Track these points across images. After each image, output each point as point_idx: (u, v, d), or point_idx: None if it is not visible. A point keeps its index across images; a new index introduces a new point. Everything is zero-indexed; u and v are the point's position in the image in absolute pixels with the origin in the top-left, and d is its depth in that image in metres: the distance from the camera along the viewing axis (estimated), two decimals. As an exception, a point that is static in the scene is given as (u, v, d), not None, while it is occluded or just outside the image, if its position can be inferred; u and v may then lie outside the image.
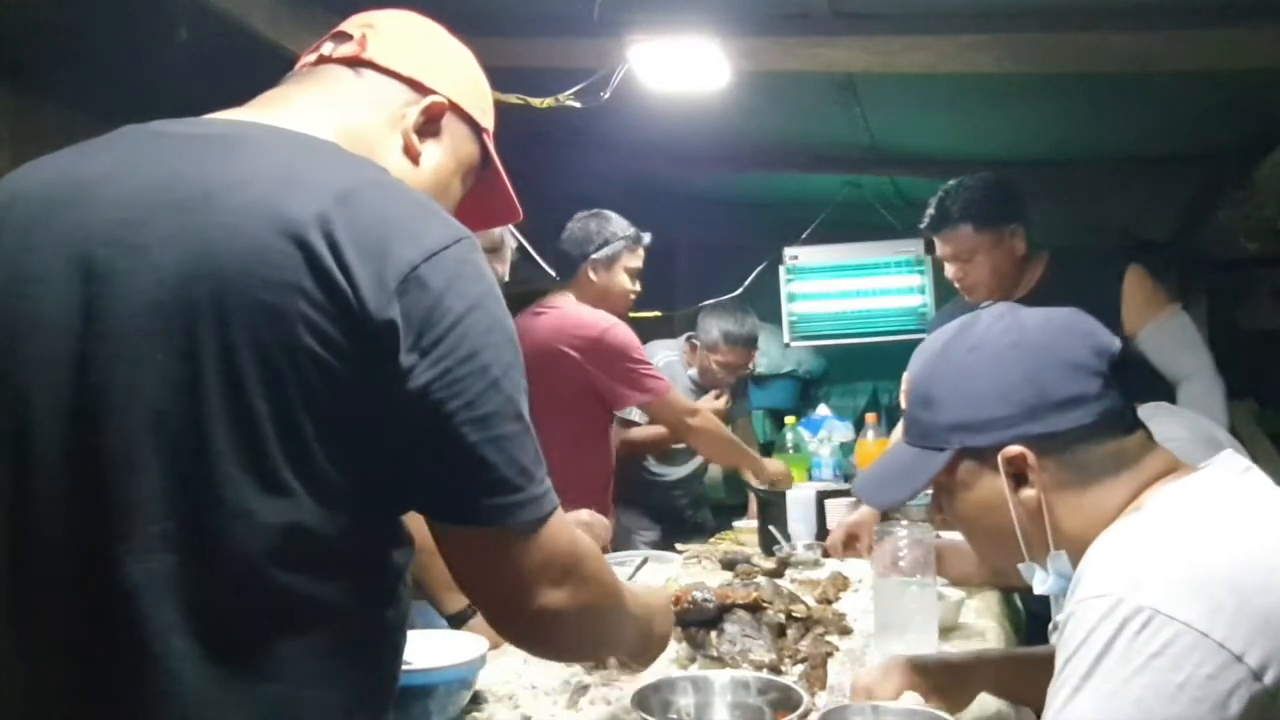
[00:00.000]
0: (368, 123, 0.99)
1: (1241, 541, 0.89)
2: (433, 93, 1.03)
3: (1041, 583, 1.05)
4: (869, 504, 1.72)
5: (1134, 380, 1.09)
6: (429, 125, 1.03)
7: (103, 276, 0.82)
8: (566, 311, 2.71)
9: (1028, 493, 1.01)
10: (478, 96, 1.10)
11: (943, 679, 1.28)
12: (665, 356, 3.45)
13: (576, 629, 0.97)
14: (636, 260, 2.80)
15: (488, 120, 1.12)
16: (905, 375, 1.17)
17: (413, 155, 1.01)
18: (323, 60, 1.02)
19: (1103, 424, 1.00)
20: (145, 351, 0.80)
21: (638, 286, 2.84)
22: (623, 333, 2.65)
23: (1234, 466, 1.01)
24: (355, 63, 1.01)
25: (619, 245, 2.75)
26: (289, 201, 0.82)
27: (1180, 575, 0.86)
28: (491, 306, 0.87)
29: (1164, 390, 2.22)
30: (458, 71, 1.08)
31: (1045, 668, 1.20)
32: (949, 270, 2.53)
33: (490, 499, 0.85)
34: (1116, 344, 1.03)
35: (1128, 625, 0.84)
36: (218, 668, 0.80)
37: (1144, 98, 3.07)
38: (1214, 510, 0.94)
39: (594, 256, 2.73)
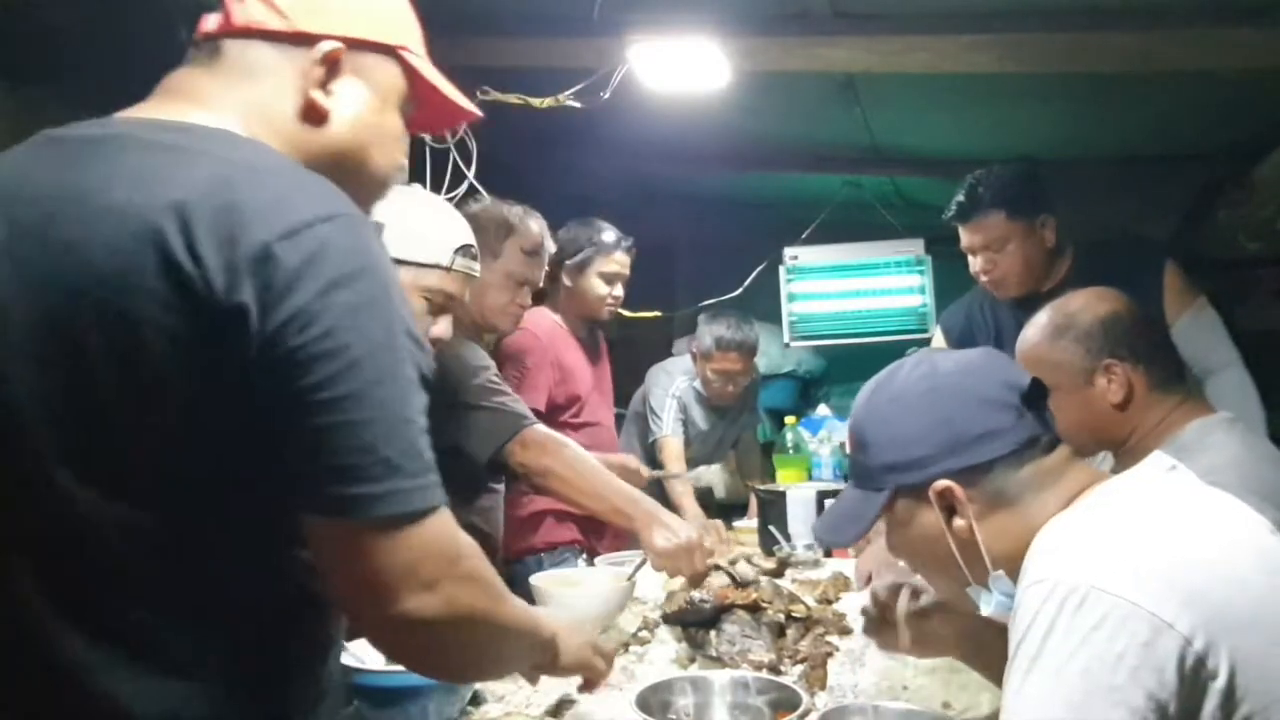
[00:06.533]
0: (254, 98, 0.93)
1: (1166, 524, 0.98)
2: (321, 39, 0.94)
3: (987, 604, 1.11)
4: (828, 544, 1.76)
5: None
6: (330, 74, 0.95)
7: None
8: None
9: (959, 523, 1.08)
10: (380, 16, 1.01)
11: (924, 619, 1.34)
12: (680, 383, 3.39)
13: (451, 642, 0.89)
14: (613, 265, 2.79)
15: (401, 35, 1.02)
16: (847, 422, 1.23)
17: (319, 116, 0.95)
18: (208, 37, 0.95)
19: (1021, 450, 1.07)
20: (6, 356, 0.82)
21: (617, 291, 2.81)
22: (516, 340, 2.56)
23: (1160, 464, 1.11)
24: (231, 34, 0.94)
25: (591, 251, 2.77)
26: (146, 198, 0.80)
27: (1111, 553, 0.93)
28: (362, 286, 0.80)
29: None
30: (346, 1, 0.98)
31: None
32: (975, 263, 2.44)
33: (343, 488, 0.79)
34: (1026, 378, 1.11)
35: (1066, 603, 0.90)
36: (107, 659, 0.81)
37: (1144, 98, 3.06)
38: (1141, 499, 1.03)
39: (567, 263, 2.76)
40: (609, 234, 2.81)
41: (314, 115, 0.94)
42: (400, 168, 1.08)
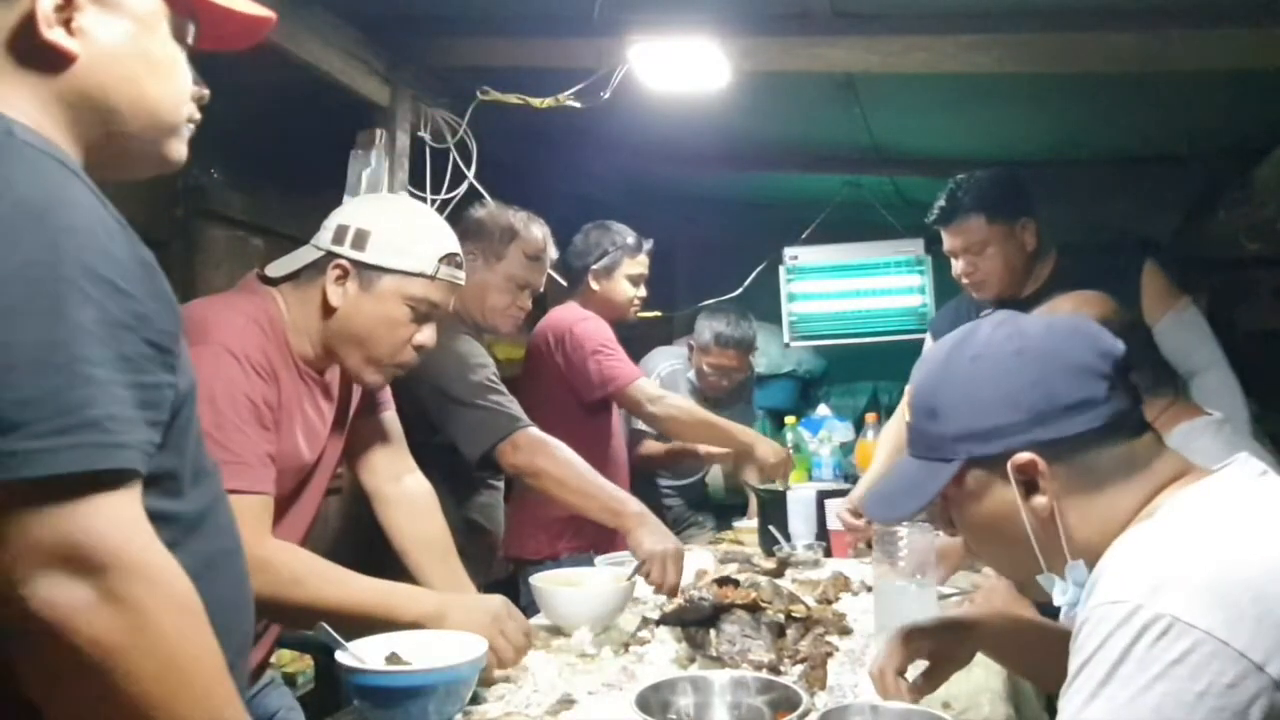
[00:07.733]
0: None
1: (1262, 548, 0.88)
2: None
3: (1061, 593, 1.03)
4: (880, 521, 1.67)
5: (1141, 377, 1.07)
6: (67, 11, 0.88)
7: None
8: (552, 312, 2.82)
9: (1039, 501, 0.99)
10: None
11: (942, 638, 1.31)
12: (669, 365, 3.51)
13: (97, 661, 0.74)
14: (638, 267, 2.88)
15: None
16: (908, 388, 1.13)
17: (63, 58, 0.88)
18: None
19: (1112, 427, 0.99)
20: None
21: (641, 292, 2.90)
22: (592, 326, 2.71)
23: (1251, 469, 1.00)
24: None
25: (617, 254, 2.84)
26: None
27: (1200, 582, 0.84)
28: None
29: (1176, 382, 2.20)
30: None
31: (1047, 638, 1.20)
32: (957, 267, 2.49)
33: None
34: (1120, 347, 1.02)
35: (1146, 632, 0.83)
36: None
37: (1144, 98, 3.06)
38: (1232, 515, 0.93)
39: (594, 267, 2.83)
40: (631, 236, 2.88)
41: (57, 58, 0.88)
42: (194, 95, 1.00)
